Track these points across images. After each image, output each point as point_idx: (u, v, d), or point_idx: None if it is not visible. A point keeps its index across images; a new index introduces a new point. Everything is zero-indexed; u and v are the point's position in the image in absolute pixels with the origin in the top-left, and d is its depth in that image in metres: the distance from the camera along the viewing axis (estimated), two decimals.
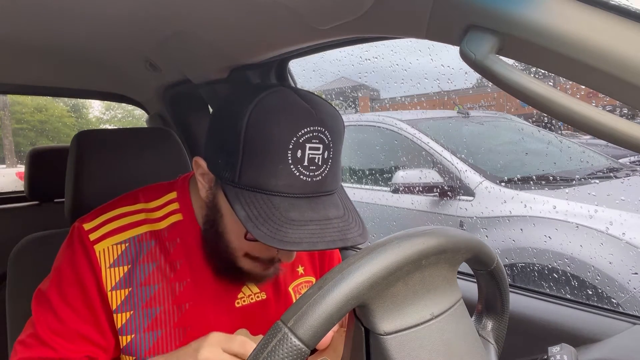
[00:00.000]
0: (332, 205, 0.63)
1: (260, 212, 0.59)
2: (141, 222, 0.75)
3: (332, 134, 0.62)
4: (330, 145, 0.62)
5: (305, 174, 0.60)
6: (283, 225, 0.57)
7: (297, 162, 0.59)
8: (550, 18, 0.46)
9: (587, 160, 2.47)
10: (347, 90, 7.13)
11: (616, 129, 0.44)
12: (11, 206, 1.57)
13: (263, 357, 0.37)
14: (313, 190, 0.61)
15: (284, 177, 0.59)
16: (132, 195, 0.79)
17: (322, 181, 0.62)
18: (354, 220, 0.64)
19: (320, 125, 0.61)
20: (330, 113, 0.64)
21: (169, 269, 0.74)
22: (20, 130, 12.98)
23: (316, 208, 0.61)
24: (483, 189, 2.25)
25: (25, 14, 0.84)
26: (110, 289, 0.70)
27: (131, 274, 0.72)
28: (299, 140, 0.59)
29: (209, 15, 0.84)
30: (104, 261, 0.71)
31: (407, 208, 2.56)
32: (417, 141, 2.65)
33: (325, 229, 0.59)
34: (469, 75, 3.28)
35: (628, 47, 0.43)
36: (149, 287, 0.72)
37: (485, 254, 0.53)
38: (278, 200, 0.59)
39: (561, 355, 0.54)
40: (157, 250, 0.74)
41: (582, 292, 1.76)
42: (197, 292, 0.75)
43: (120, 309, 0.70)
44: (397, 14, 0.64)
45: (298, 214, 0.59)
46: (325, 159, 0.61)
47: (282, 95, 0.63)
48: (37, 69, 1.28)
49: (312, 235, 0.58)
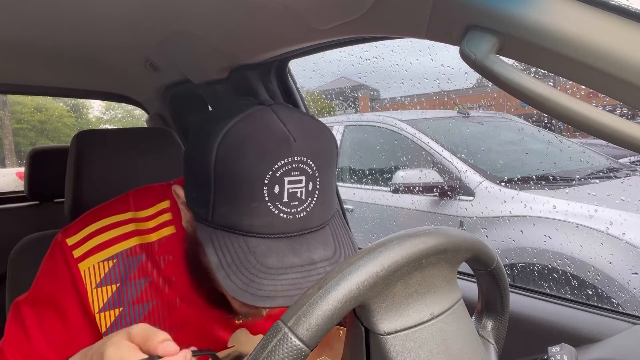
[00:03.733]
0: (320, 244, 0.55)
1: (234, 258, 0.52)
2: (130, 233, 0.68)
3: (317, 161, 0.54)
4: (316, 174, 0.54)
5: (286, 212, 0.52)
6: (258, 275, 0.51)
7: (275, 199, 0.52)
8: (550, 18, 0.46)
9: (587, 160, 2.47)
10: (347, 90, 7.13)
11: (616, 129, 0.44)
12: (11, 206, 1.57)
13: (263, 357, 0.37)
14: (297, 228, 0.53)
15: (260, 216, 0.52)
16: (122, 201, 0.73)
17: (308, 217, 0.54)
18: (347, 256, 0.56)
19: (301, 155, 0.52)
20: (315, 135, 0.56)
21: (164, 283, 0.67)
22: (20, 130, 12.98)
23: (299, 250, 0.53)
24: (483, 189, 2.25)
25: (26, 14, 0.84)
26: (98, 311, 0.64)
27: (121, 293, 0.65)
28: (276, 174, 0.51)
29: (209, 15, 0.84)
30: (90, 281, 0.64)
31: (407, 208, 2.56)
32: (417, 141, 2.65)
33: (308, 277, 0.52)
34: (469, 75, 3.28)
35: (628, 47, 0.43)
36: (141, 305, 0.66)
37: (485, 254, 0.53)
38: (255, 243, 0.52)
39: (561, 355, 0.54)
40: (148, 265, 0.67)
41: (582, 292, 1.76)
42: (194, 309, 0.69)
43: (110, 330, 0.64)
44: (397, 14, 0.64)
45: (276, 260, 0.52)
46: (310, 191, 0.53)
47: (255, 121, 0.54)
48: (37, 69, 1.28)
49: (291, 286, 0.51)
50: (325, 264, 0.54)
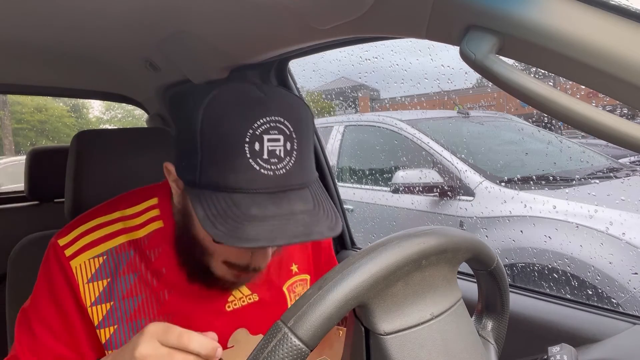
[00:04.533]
0: (299, 200, 0.59)
1: (220, 211, 0.56)
2: (118, 232, 0.72)
3: (294, 124, 0.59)
4: (293, 136, 0.59)
5: (266, 168, 0.57)
6: (242, 223, 0.55)
7: (256, 155, 0.56)
8: (550, 18, 0.46)
9: (587, 160, 2.47)
10: (347, 90, 7.13)
11: (616, 129, 0.44)
12: (11, 206, 1.57)
13: (263, 357, 0.37)
14: (277, 184, 0.58)
15: (242, 172, 0.57)
16: (110, 203, 0.77)
17: (287, 175, 0.58)
18: (326, 213, 0.61)
19: (278, 115, 0.58)
20: (291, 103, 0.61)
21: (152, 277, 0.71)
22: (20, 130, 12.98)
23: (280, 203, 0.58)
24: (483, 189, 2.25)
25: (25, 14, 0.84)
26: (90, 305, 0.68)
27: (111, 288, 0.69)
28: (255, 132, 0.56)
29: (209, 15, 0.84)
30: (81, 277, 0.69)
31: (407, 208, 2.56)
32: (417, 141, 2.65)
33: (288, 224, 0.56)
34: (469, 75, 3.29)
35: (628, 47, 0.43)
36: (132, 299, 0.70)
37: (485, 254, 0.53)
38: (239, 198, 0.57)
39: (561, 355, 0.54)
40: (137, 260, 0.71)
41: (582, 292, 1.76)
42: (184, 299, 0.72)
43: (103, 324, 0.69)
44: (397, 14, 0.64)
45: (258, 210, 0.56)
46: (288, 150, 0.58)
47: (235, 89, 0.60)
48: (37, 69, 1.28)
49: (272, 231, 0.55)
50: (305, 215, 0.58)
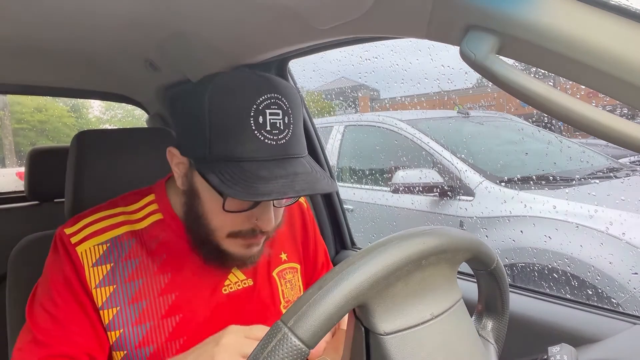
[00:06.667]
0: (299, 165, 0.68)
1: (233, 175, 0.63)
2: (121, 223, 0.77)
3: (289, 102, 0.67)
4: (290, 111, 0.67)
5: (270, 138, 0.65)
6: (254, 182, 0.62)
7: (260, 127, 0.64)
8: (550, 18, 0.46)
9: (587, 160, 2.47)
10: (347, 90, 7.13)
11: (616, 129, 0.44)
12: (11, 206, 1.57)
13: (263, 357, 0.37)
14: (279, 152, 0.66)
15: (249, 142, 0.64)
16: (111, 203, 0.81)
17: (287, 144, 0.67)
18: (323, 176, 0.69)
19: (277, 92, 0.66)
20: (285, 84, 0.69)
21: (152, 263, 0.76)
22: (20, 130, 12.97)
23: (284, 166, 0.66)
24: (483, 189, 2.25)
25: (26, 14, 0.84)
26: (95, 287, 0.72)
27: (114, 272, 0.74)
28: (259, 107, 0.64)
29: (209, 15, 0.84)
30: (87, 260, 0.73)
31: (407, 208, 2.56)
32: (417, 141, 2.65)
33: (294, 182, 0.64)
34: (469, 75, 3.28)
35: (628, 47, 0.43)
36: (133, 282, 0.75)
37: (485, 254, 0.53)
38: (248, 165, 0.64)
39: (561, 355, 0.54)
40: (138, 248, 0.77)
41: (582, 292, 1.76)
42: (182, 282, 0.77)
43: (106, 305, 0.72)
44: (397, 14, 0.65)
45: (267, 173, 0.64)
46: (286, 123, 0.67)
47: (235, 73, 0.68)
48: (37, 69, 1.28)
49: (282, 187, 0.63)
50: (306, 176, 0.67)
